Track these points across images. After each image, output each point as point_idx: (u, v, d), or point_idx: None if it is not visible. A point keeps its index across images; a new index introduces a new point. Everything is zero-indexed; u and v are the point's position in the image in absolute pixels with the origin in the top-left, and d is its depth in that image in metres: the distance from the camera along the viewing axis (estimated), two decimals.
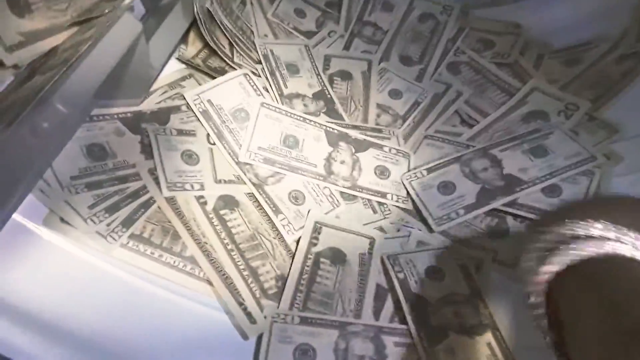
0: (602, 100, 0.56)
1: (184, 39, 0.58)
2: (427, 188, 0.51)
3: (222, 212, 0.46)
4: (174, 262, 0.44)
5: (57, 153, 0.43)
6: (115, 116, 0.48)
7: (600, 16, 0.62)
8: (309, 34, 0.63)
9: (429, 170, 0.52)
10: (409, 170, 0.52)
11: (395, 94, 0.59)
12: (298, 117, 0.53)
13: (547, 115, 0.55)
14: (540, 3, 0.66)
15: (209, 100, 0.51)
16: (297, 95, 0.56)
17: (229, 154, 0.50)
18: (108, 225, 0.43)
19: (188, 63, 0.56)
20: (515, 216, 0.49)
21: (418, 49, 0.63)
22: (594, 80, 0.58)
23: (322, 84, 0.58)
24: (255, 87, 0.54)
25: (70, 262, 0.41)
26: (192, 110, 0.51)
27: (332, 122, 0.54)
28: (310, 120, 0.53)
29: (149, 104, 0.51)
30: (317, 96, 0.57)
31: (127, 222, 0.44)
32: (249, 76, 0.54)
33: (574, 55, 0.61)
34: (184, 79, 0.55)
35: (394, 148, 0.53)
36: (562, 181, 0.49)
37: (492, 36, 0.64)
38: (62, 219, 0.42)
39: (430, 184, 0.51)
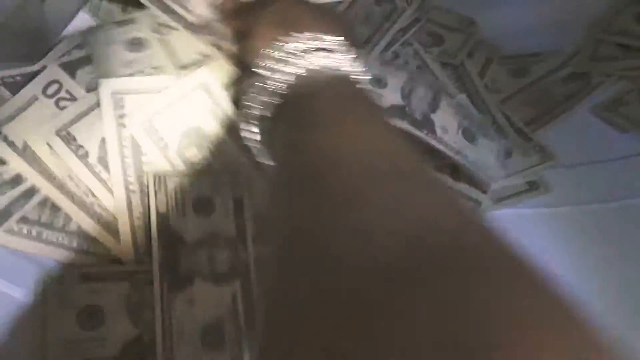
0: (542, 121, 0.53)
1: None
2: None
3: None
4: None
5: None
6: None
7: (556, 27, 0.59)
8: None
9: None
10: None
11: None
12: None
13: None
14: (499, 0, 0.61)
15: None
16: None
17: None
18: None
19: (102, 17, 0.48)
20: None
21: (365, 33, 0.58)
22: (537, 97, 0.55)
23: None
24: None
25: None
26: None
27: None
28: None
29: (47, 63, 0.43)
30: None
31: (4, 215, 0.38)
32: None
33: (522, 65, 0.58)
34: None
35: None
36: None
37: (443, 31, 0.60)
38: None
39: None
